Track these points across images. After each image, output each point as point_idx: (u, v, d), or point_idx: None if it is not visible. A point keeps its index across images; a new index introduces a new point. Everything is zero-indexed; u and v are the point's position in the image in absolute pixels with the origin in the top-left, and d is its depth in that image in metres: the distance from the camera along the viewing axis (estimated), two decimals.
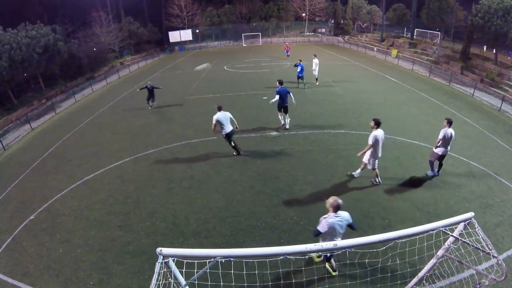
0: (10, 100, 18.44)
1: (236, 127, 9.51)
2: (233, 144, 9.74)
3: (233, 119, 9.37)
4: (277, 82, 11.34)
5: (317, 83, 18.16)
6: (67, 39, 25.40)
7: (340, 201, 4.64)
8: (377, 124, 7.39)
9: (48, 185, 9.17)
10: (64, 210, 7.86)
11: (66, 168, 10.15)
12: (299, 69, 16.79)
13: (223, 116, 9.16)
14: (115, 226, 7.07)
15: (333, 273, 5.29)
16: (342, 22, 45.74)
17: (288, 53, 28.73)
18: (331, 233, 4.68)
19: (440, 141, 7.88)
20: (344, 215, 4.71)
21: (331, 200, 4.67)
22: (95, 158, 10.67)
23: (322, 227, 4.63)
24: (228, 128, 9.24)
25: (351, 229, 4.85)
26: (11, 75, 17.33)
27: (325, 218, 4.67)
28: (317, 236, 4.75)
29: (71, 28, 31.60)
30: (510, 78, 17.84)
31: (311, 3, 43.89)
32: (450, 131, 7.80)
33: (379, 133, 7.41)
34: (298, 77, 17.12)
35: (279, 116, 11.84)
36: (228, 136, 9.44)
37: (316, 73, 17.98)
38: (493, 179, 8.35)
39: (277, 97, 10.89)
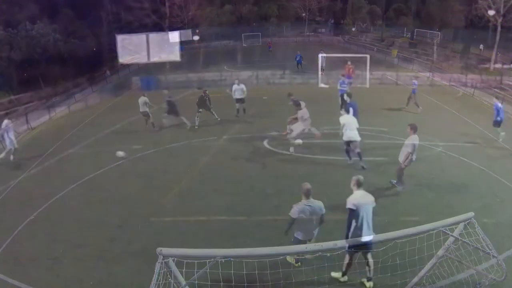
0: (10, 100, 18.42)
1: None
2: None
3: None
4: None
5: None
6: (67, 39, 25.35)
7: (309, 186, 4.86)
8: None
9: (48, 185, 9.15)
10: (64, 210, 7.85)
11: (66, 168, 10.14)
12: (298, 58, 23.09)
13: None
14: (115, 226, 7.06)
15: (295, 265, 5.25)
16: (342, 22, 45.72)
17: (270, 49, 32.44)
18: (304, 222, 4.81)
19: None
20: (316, 203, 4.88)
21: (303, 186, 4.87)
22: (95, 158, 10.66)
23: (292, 212, 4.78)
24: None
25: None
26: (11, 75, 17.32)
27: (296, 204, 4.87)
28: (291, 225, 4.93)
29: (71, 28, 31.50)
30: (510, 78, 17.84)
31: (311, 3, 43.84)
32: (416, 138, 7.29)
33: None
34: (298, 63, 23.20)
35: None
36: None
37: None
38: (493, 179, 8.34)
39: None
